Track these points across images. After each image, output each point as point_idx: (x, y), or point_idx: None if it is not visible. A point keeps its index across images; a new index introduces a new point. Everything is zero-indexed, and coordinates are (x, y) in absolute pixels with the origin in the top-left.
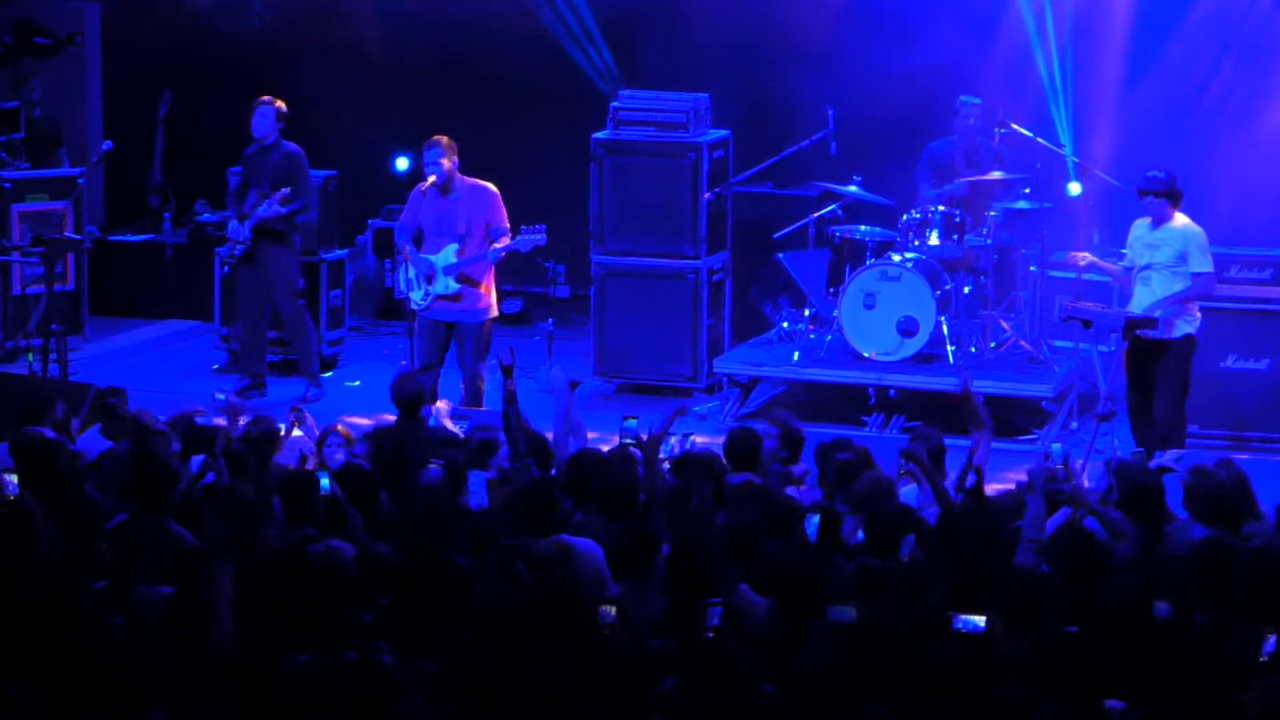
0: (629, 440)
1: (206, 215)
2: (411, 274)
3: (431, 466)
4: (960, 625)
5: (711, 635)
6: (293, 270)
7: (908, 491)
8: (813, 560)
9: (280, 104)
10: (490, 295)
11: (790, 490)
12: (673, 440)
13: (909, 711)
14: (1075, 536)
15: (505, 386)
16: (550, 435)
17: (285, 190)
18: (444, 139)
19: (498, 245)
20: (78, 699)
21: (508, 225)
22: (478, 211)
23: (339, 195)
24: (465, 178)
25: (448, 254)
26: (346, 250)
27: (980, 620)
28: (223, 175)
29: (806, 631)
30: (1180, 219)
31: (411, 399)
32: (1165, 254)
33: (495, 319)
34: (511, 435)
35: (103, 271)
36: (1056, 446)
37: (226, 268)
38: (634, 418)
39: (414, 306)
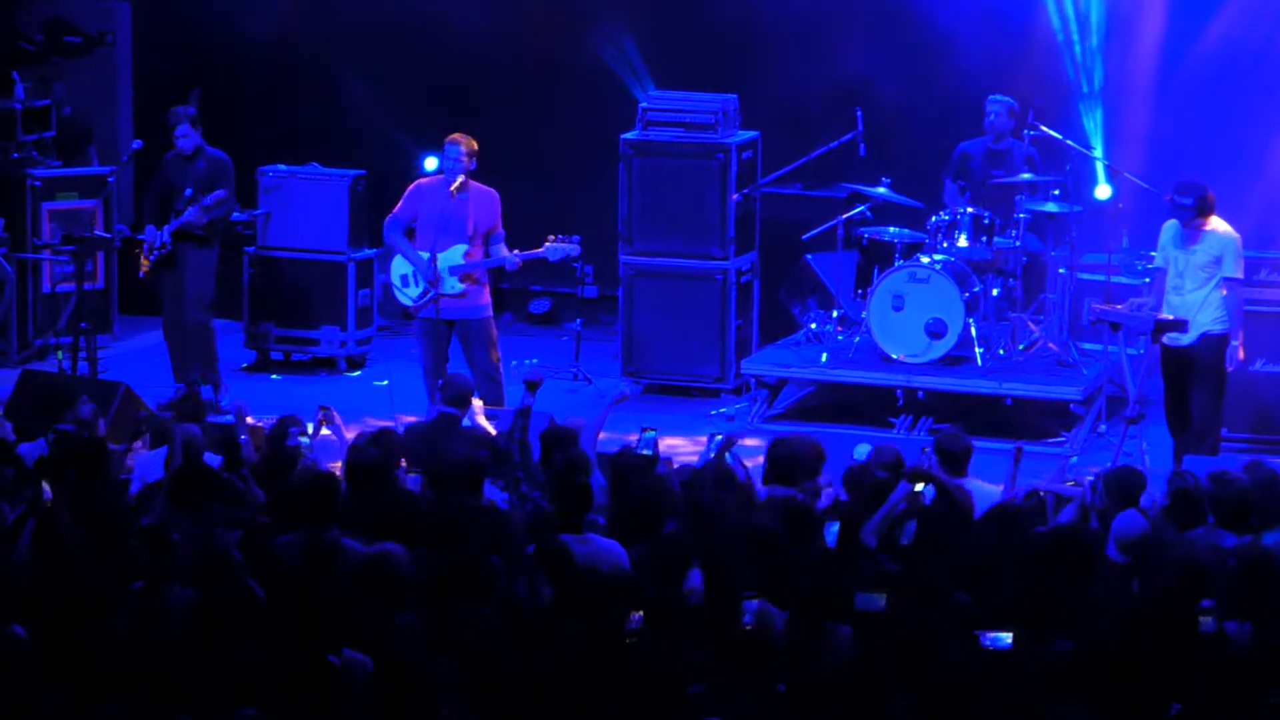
0: (647, 452)
1: (236, 214)
2: (409, 270)
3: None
4: (988, 643)
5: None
6: (208, 278)
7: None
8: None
9: (188, 109)
10: (488, 291)
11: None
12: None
13: (931, 712)
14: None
15: (524, 400)
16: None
17: (221, 193)
18: (464, 138)
19: (525, 253)
20: (108, 701)
21: (503, 231)
22: (485, 215)
23: (368, 195)
24: (472, 181)
25: (454, 254)
26: (375, 250)
27: (1007, 637)
28: (252, 174)
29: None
30: (1219, 224)
31: (463, 395)
32: (1200, 257)
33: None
34: (510, 447)
35: (133, 270)
36: (1074, 460)
37: (142, 273)
38: (653, 429)
39: (407, 304)
